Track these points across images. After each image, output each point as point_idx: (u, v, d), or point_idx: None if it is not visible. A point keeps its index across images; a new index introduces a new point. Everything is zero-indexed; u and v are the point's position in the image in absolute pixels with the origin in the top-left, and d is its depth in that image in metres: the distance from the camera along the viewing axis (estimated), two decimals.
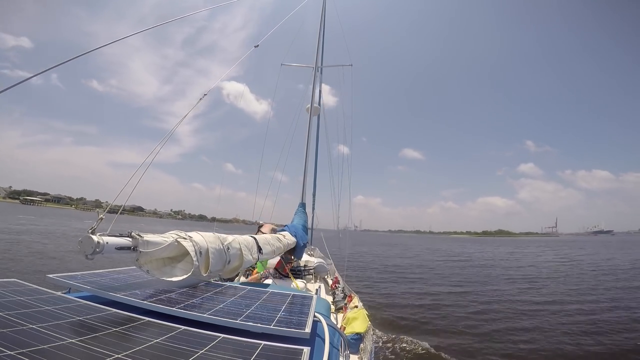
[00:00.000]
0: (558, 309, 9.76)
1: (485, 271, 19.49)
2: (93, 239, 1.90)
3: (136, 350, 1.19)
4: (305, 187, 8.17)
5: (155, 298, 1.97)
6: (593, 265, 22.20)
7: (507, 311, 9.50)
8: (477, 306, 10.08)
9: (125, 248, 2.12)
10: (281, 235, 5.01)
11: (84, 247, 1.89)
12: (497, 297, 11.58)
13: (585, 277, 16.55)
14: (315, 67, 9.47)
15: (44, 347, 1.11)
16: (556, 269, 20.71)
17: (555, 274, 17.90)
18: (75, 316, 1.51)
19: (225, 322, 1.67)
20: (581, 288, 13.35)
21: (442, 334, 7.53)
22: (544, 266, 22.38)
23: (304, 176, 8.03)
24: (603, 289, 13.15)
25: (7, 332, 1.19)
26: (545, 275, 17.46)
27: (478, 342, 6.99)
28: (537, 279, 15.93)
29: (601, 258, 28.46)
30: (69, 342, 1.19)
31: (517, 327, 8.08)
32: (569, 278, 16.34)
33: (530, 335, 7.48)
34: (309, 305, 2.13)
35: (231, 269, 3.24)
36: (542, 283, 14.73)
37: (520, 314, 9.21)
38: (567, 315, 9.12)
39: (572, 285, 13.97)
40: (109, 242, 1.99)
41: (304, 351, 1.32)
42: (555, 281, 15.29)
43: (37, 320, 1.37)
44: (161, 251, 2.38)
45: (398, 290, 12.58)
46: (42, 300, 1.68)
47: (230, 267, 3.19)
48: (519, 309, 9.72)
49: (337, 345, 1.90)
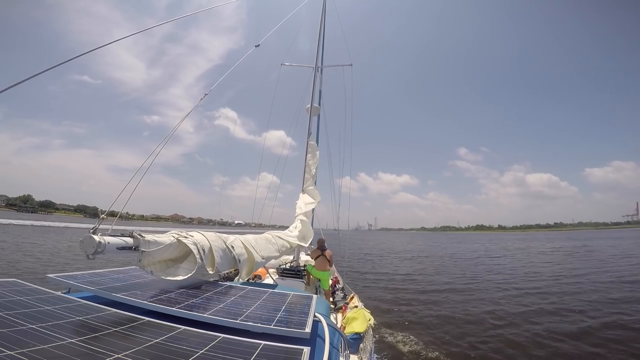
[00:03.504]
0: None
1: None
2: (94, 238, 1.90)
3: (136, 350, 1.19)
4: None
5: (155, 298, 1.97)
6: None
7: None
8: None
9: (126, 248, 2.12)
10: (285, 234, 5.01)
11: (85, 247, 1.89)
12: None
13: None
14: (315, 67, 9.47)
15: (44, 347, 1.11)
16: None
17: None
18: (75, 316, 1.51)
19: (225, 322, 1.67)
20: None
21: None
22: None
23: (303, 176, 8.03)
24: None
25: (7, 332, 1.19)
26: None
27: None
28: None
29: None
30: (69, 342, 1.19)
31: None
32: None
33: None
34: (309, 305, 2.13)
35: (246, 270, 3.26)
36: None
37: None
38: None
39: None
40: (111, 242, 1.99)
41: (304, 351, 1.32)
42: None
43: (37, 320, 1.37)
44: (163, 251, 2.38)
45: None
46: (42, 300, 1.68)
47: (243, 267, 3.20)
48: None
49: (337, 345, 1.90)
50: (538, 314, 8.77)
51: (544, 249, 35.62)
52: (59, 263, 13.99)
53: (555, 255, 26.61)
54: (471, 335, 7.29)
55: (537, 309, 9.34)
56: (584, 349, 6.36)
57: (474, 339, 7.03)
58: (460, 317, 8.70)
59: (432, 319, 8.47)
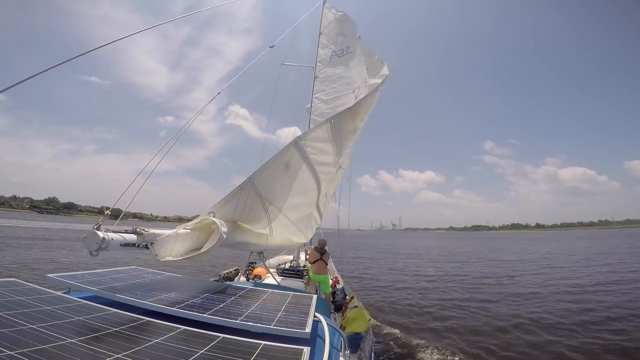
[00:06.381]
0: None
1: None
2: (98, 234, 1.88)
3: (136, 351, 1.19)
4: None
5: (155, 298, 1.97)
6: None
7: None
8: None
9: (130, 244, 2.11)
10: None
11: (88, 243, 1.88)
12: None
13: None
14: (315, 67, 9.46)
15: (44, 347, 1.11)
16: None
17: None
18: (75, 316, 1.51)
19: (225, 322, 1.68)
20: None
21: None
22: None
23: None
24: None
25: (7, 332, 1.19)
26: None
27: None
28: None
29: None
30: (69, 342, 1.19)
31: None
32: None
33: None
34: (309, 305, 2.14)
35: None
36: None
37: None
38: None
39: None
40: (114, 238, 1.98)
41: (304, 351, 1.32)
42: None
43: (37, 320, 1.37)
44: (173, 239, 2.40)
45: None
46: (42, 300, 1.68)
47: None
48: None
49: (337, 345, 1.90)
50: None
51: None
52: (59, 262, 13.96)
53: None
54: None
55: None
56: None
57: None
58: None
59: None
